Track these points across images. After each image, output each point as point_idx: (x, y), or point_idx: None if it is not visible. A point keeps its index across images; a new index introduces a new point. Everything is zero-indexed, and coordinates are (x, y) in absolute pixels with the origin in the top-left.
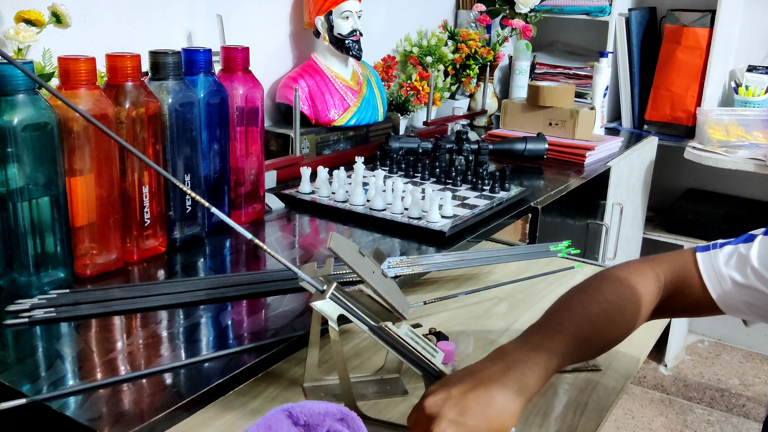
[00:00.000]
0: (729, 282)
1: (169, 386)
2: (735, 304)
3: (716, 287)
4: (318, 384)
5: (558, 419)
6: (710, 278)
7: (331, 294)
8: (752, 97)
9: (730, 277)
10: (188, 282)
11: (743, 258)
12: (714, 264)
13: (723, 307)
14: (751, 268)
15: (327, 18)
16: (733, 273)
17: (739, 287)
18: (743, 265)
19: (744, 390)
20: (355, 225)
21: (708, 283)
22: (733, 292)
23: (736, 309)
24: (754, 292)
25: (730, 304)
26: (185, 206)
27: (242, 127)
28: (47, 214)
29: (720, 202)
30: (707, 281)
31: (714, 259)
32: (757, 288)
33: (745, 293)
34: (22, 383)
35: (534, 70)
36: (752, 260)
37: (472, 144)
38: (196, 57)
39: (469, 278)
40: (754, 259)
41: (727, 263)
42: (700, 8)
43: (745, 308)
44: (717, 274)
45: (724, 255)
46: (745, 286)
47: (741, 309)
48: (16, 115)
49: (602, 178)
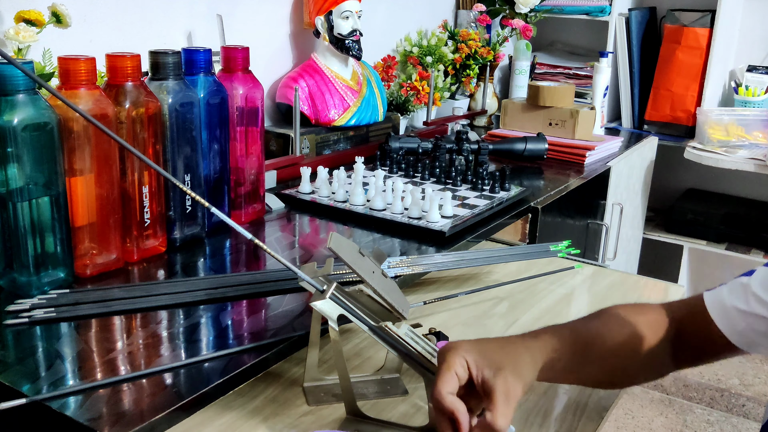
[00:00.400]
0: (732, 311)
1: (169, 386)
2: (743, 332)
3: (722, 319)
4: (318, 384)
5: (558, 419)
6: (715, 310)
7: (331, 294)
8: (752, 97)
9: (732, 306)
10: (188, 282)
11: (744, 287)
12: (718, 297)
13: (732, 338)
14: (752, 294)
15: (327, 18)
16: (735, 301)
17: (742, 314)
18: (744, 294)
19: (744, 390)
20: (355, 225)
21: (713, 314)
22: (737, 320)
23: (745, 337)
24: (756, 318)
25: (738, 333)
26: (185, 206)
27: (242, 127)
28: (47, 214)
29: (720, 202)
30: (713, 313)
31: (718, 293)
32: (759, 313)
33: (749, 320)
34: (22, 383)
35: (534, 70)
36: (752, 287)
37: (472, 144)
38: (196, 57)
39: (469, 278)
40: (754, 287)
41: (729, 294)
42: (700, 8)
43: (754, 336)
44: (721, 305)
45: (727, 288)
46: (748, 312)
47: (750, 337)
48: (16, 115)
49: (602, 178)
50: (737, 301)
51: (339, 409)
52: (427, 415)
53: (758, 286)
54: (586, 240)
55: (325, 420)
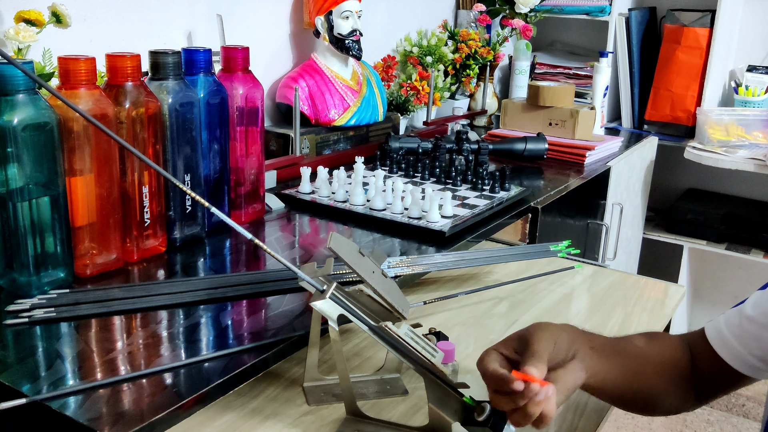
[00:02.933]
0: (730, 339)
1: (169, 386)
2: (746, 360)
3: (723, 349)
4: (318, 384)
5: (558, 419)
6: (717, 342)
7: (331, 294)
8: (752, 97)
9: (730, 333)
10: (188, 282)
11: (739, 311)
12: (716, 326)
13: (739, 369)
14: (745, 317)
15: (327, 18)
16: (732, 329)
17: (739, 340)
18: (739, 318)
19: (744, 389)
20: (355, 225)
21: (716, 347)
22: (737, 348)
23: (751, 366)
24: (751, 338)
25: (743, 362)
26: (185, 206)
27: (242, 127)
28: (47, 214)
29: (720, 202)
30: (716, 347)
31: (717, 324)
32: (752, 332)
33: (746, 343)
34: (22, 383)
35: (534, 70)
36: (745, 310)
37: (472, 144)
38: (196, 57)
39: (469, 278)
40: (747, 309)
41: (726, 321)
42: (700, 8)
43: (755, 362)
44: (720, 336)
45: (724, 317)
46: (743, 337)
47: (754, 364)
48: (16, 115)
49: (602, 178)
50: (733, 327)
51: (339, 409)
52: (427, 415)
53: (750, 308)
54: (586, 240)
55: (325, 420)
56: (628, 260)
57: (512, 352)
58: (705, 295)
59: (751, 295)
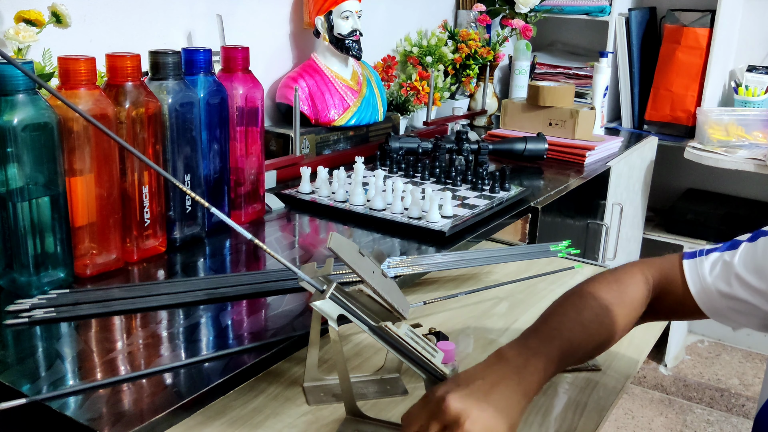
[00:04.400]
0: (714, 292)
1: (169, 386)
2: (721, 311)
3: (701, 297)
4: (318, 384)
5: (558, 419)
6: (696, 287)
7: (331, 294)
8: (752, 97)
9: (715, 287)
10: (188, 282)
11: (727, 266)
12: (699, 272)
13: (709, 314)
14: (735, 275)
15: (327, 18)
16: (718, 282)
17: (724, 296)
18: (727, 274)
19: (744, 390)
20: (355, 225)
21: (693, 291)
22: (718, 301)
23: (723, 315)
24: (738, 301)
25: (716, 311)
26: (185, 206)
27: (242, 127)
28: (47, 214)
29: (720, 202)
30: (693, 290)
31: (699, 267)
32: (741, 297)
33: (730, 302)
34: (22, 383)
35: (534, 70)
36: (736, 268)
37: (472, 144)
38: (196, 57)
39: (469, 278)
40: (738, 267)
41: (711, 272)
42: (700, 8)
43: (732, 315)
44: (702, 282)
45: (709, 263)
46: (730, 295)
47: (728, 315)
48: (16, 115)
49: (602, 178)
50: (720, 282)
51: (339, 409)
52: None
53: (742, 267)
54: (586, 240)
55: (325, 420)
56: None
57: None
58: None
59: (742, 248)
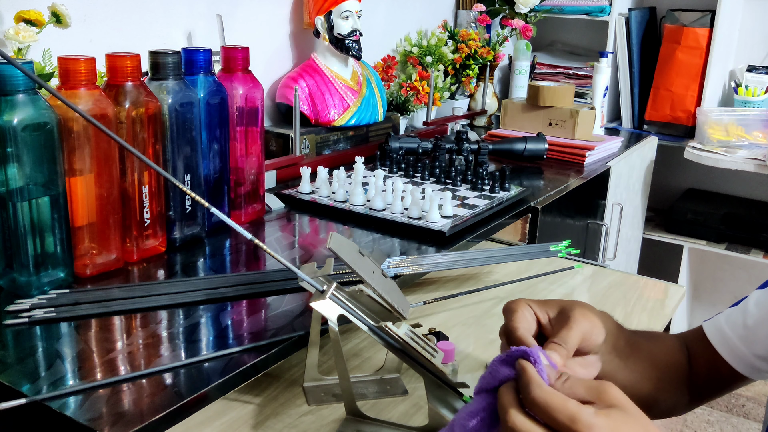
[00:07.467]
0: (731, 336)
1: (169, 386)
2: (748, 360)
3: (723, 347)
4: (318, 384)
5: None
6: (717, 342)
7: (331, 294)
8: (752, 97)
9: (732, 333)
10: (188, 282)
11: (741, 310)
12: (718, 327)
13: (740, 369)
14: (749, 315)
15: (327, 18)
16: (735, 327)
17: (742, 340)
18: (743, 317)
19: (744, 390)
20: (355, 225)
21: (717, 346)
22: (738, 347)
23: (752, 366)
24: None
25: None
26: (185, 206)
27: (242, 127)
28: (47, 214)
29: (720, 202)
30: (716, 345)
31: (717, 323)
32: (758, 332)
33: (749, 343)
34: (22, 383)
35: (534, 70)
36: (749, 308)
37: (472, 144)
38: (196, 57)
39: (469, 278)
40: (750, 307)
41: (727, 322)
42: (700, 8)
43: (757, 362)
44: (720, 333)
45: (724, 317)
46: (746, 337)
47: (755, 364)
48: (16, 115)
49: (602, 178)
50: (735, 326)
51: (339, 409)
52: (427, 415)
53: (753, 307)
54: (586, 240)
55: (325, 420)
56: (628, 260)
57: (546, 318)
58: (705, 295)
59: (751, 294)
